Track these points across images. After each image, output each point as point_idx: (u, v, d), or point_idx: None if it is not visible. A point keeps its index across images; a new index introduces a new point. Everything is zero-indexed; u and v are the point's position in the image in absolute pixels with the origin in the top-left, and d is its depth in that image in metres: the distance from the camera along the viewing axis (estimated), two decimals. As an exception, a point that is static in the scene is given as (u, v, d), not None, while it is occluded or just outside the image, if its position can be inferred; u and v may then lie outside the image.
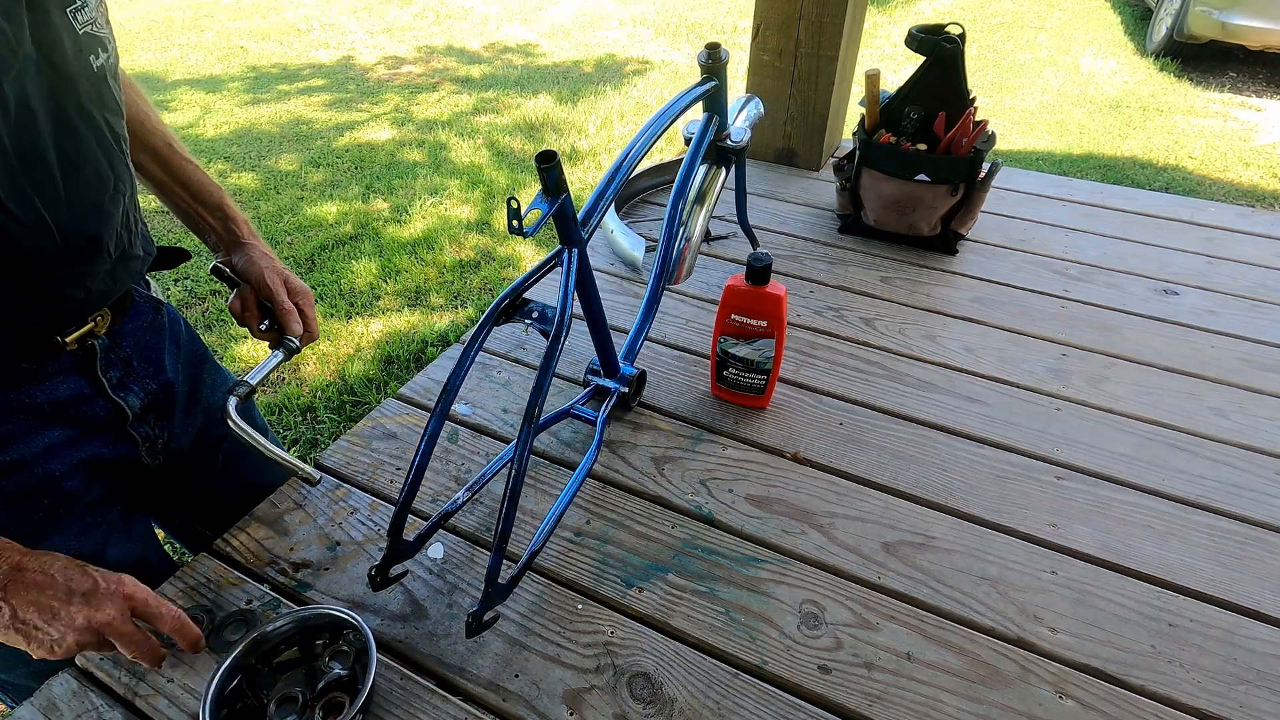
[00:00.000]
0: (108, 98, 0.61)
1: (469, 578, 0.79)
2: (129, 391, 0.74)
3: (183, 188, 0.80)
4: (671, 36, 5.48)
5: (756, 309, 0.93)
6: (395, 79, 4.71)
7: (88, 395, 0.70)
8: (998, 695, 0.69)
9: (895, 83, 1.38)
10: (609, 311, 1.06)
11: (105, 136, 0.61)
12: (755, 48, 1.61)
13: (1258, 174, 3.37)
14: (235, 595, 0.77)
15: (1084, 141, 3.72)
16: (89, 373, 0.69)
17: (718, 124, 1.07)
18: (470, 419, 1.01)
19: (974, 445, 0.97)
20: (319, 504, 0.88)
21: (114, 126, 0.62)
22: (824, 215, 1.53)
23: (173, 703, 0.67)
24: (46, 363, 0.66)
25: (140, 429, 0.76)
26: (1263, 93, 4.25)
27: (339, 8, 6.30)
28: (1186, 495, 0.91)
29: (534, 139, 3.80)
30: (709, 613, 0.76)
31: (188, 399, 0.83)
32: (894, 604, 0.77)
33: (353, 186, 3.29)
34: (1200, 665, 0.72)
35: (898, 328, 1.20)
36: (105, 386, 0.71)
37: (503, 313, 0.76)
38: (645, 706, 0.68)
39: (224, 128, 3.99)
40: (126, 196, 0.66)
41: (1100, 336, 1.18)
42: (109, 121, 0.62)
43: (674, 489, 0.91)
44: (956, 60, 1.25)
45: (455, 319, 2.43)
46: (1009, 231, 1.48)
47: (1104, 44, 5.06)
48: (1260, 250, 1.43)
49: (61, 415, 0.68)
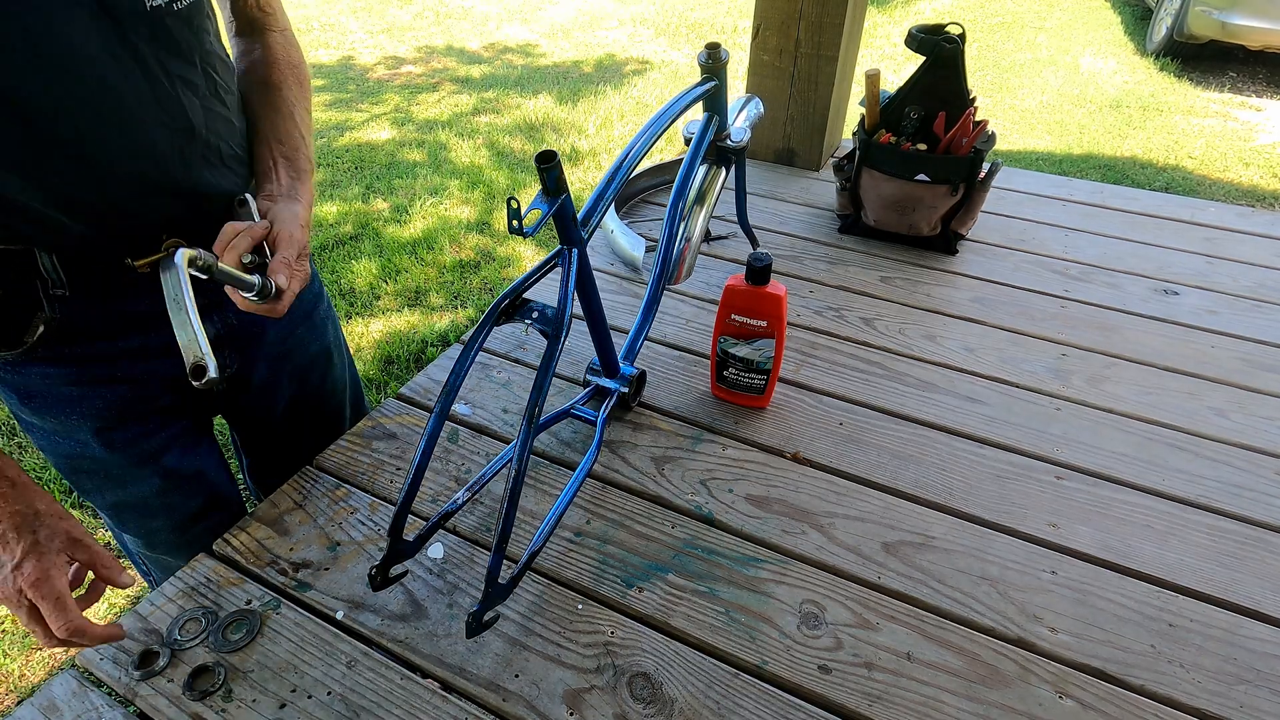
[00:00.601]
0: (162, 36, 0.62)
1: (469, 578, 0.79)
2: (206, 319, 0.74)
3: (279, 144, 0.79)
4: (671, 36, 5.48)
5: (756, 309, 0.93)
6: (395, 79, 4.71)
7: (161, 314, 0.69)
8: (998, 695, 0.69)
9: (895, 83, 1.38)
10: (609, 311, 1.06)
11: (153, 70, 0.62)
12: (755, 48, 1.61)
13: (1258, 174, 3.37)
14: (235, 595, 0.77)
15: (1084, 141, 3.72)
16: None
17: (718, 124, 1.07)
18: (470, 419, 1.01)
19: (974, 445, 0.97)
20: (319, 504, 0.88)
21: (166, 64, 0.63)
22: (824, 215, 1.53)
23: (173, 702, 0.67)
24: (129, 278, 0.70)
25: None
26: (1263, 93, 4.25)
27: (339, 8, 6.30)
28: (1186, 495, 0.91)
29: (534, 139, 3.80)
30: (709, 613, 0.76)
31: (273, 345, 0.88)
32: (894, 604, 0.77)
33: (353, 186, 3.29)
34: (1200, 665, 0.72)
35: (898, 328, 1.20)
36: None
37: (503, 313, 0.76)
38: (645, 706, 0.68)
39: (224, 128, 3.98)
40: (196, 138, 0.68)
41: (1100, 336, 1.18)
42: (160, 59, 0.62)
43: (674, 489, 0.91)
44: (956, 60, 1.25)
45: (455, 319, 2.43)
46: (1009, 231, 1.48)
47: (1104, 44, 5.06)
48: (1260, 250, 1.43)
49: (140, 326, 0.74)
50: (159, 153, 0.65)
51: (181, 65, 0.65)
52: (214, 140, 0.71)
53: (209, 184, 0.71)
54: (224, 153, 0.73)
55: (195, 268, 0.61)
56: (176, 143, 0.67)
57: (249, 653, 0.71)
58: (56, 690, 0.68)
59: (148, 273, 0.70)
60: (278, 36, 0.82)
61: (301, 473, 0.92)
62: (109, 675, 0.69)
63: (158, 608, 0.75)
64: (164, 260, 0.59)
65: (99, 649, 0.71)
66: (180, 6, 0.63)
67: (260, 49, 0.81)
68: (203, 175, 0.70)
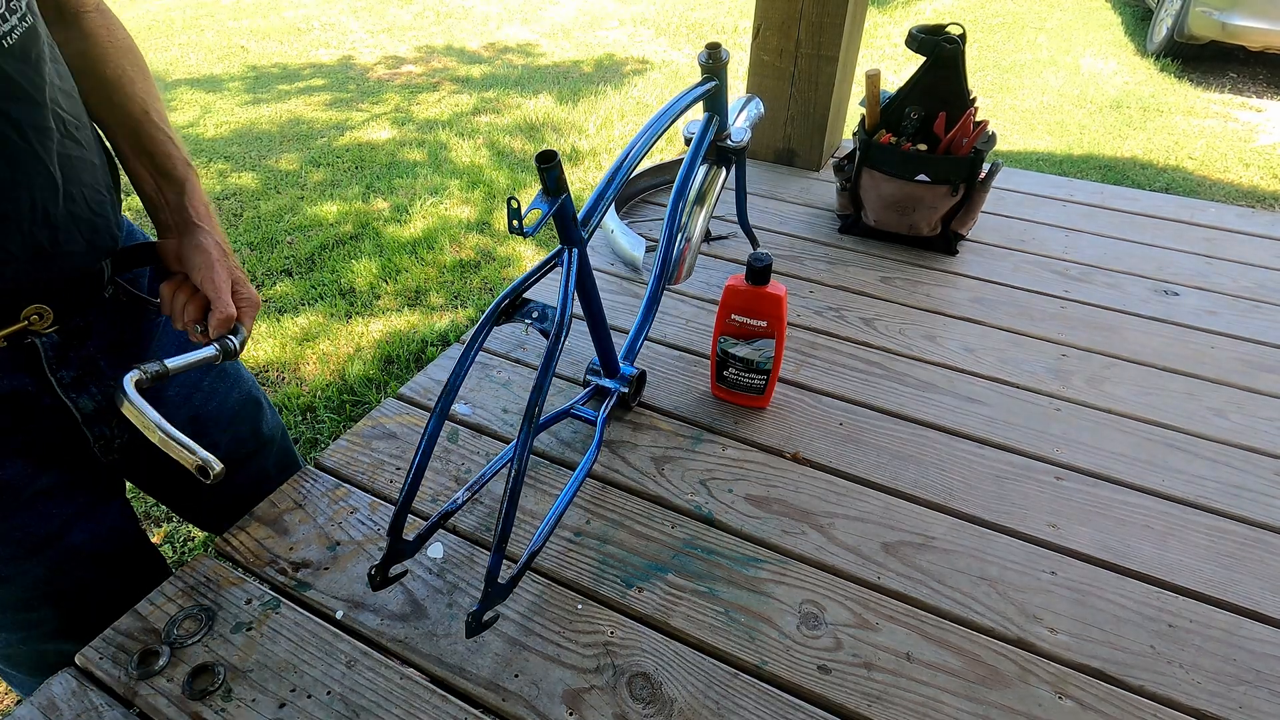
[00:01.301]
0: (2, 83, 0.52)
1: (469, 577, 0.79)
2: (83, 393, 0.70)
3: (148, 158, 0.71)
4: (671, 36, 5.48)
5: (756, 309, 0.93)
6: (395, 79, 4.71)
7: (32, 393, 0.66)
8: (997, 695, 0.69)
9: (895, 83, 1.38)
10: (609, 311, 1.06)
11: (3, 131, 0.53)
12: (755, 48, 1.61)
13: (1258, 174, 3.37)
14: (235, 595, 0.77)
15: (1084, 142, 3.72)
16: (34, 370, 0.66)
17: (718, 124, 1.07)
18: (470, 419, 1.01)
19: (974, 445, 0.97)
20: (319, 504, 0.88)
21: (12, 115, 0.54)
22: (824, 215, 1.53)
23: (173, 702, 0.67)
24: None
25: (96, 428, 0.73)
26: (1263, 93, 4.25)
27: (339, 7, 6.30)
28: (1186, 495, 0.91)
29: (534, 139, 3.80)
30: (709, 613, 0.76)
31: (176, 406, 0.80)
32: (894, 604, 0.77)
33: (353, 186, 3.29)
34: (1200, 665, 0.72)
35: (898, 328, 1.20)
36: (53, 385, 0.67)
37: (503, 313, 0.76)
38: (645, 706, 0.68)
39: (224, 127, 3.99)
40: (44, 192, 0.58)
41: (1100, 337, 1.18)
42: (4, 110, 0.53)
43: (674, 489, 0.91)
44: (957, 60, 1.25)
45: (455, 319, 2.43)
46: (1009, 232, 1.48)
47: (1104, 44, 5.06)
48: (1260, 251, 1.43)
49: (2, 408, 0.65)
50: (21, 221, 0.56)
51: (30, 111, 0.55)
52: (78, 192, 0.61)
53: (78, 243, 0.63)
54: (90, 201, 0.63)
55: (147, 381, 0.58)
56: (39, 206, 0.57)
57: (249, 652, 0.71)
58: (56, 690, 0.68)
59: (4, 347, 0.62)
60: (94, 17, 0.70)
61: (301, 472, 0.92)
62: (109, 675, 0.69)
63: (157, 607, 0.75)
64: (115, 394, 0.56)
65: (99, 649, 0.71)
66: (12, 42, 0.52)
67: (79, 37, 0.68)
68: (72, 234, 0.62)
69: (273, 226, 2.98)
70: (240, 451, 0.90)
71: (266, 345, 2.29)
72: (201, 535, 1.72)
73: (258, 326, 2.39)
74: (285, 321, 2.41)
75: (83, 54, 0.68)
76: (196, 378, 0.83)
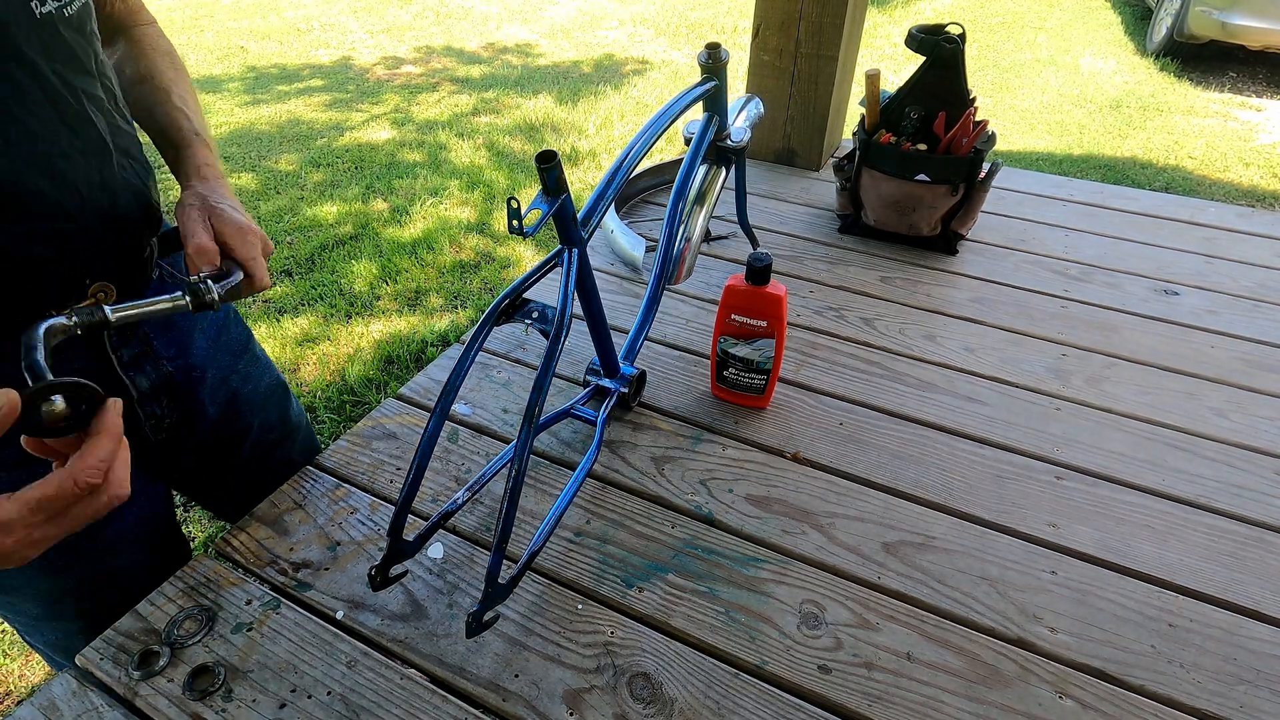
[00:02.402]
0: (57, 48, 0.55)
1: (469, 578, 0.79)
2: (140, 371, 0.72)
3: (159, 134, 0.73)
4: (671, 36, 5.48)
5: (756, 309, 0.93)
6: (395, 79, 4.71)
7: (92, 371, 0.68)
8: (997, 695, 0.69)
9: (895, 83, 1.39)
10: (609, 311, 1.06)
11: (55, 89, 0.56)
12: (755, 48, 1.61)
13: (1258, 174, 3.37)
14: (235, 595, 0.77)
15: (1084, 141, 3.73)
16: (97, 348, 0.68)
17: (718, 124, 1.07)
18: (470, 419, 1.01)
19: (974, 445, 0.97)
20: (319, 504, 0.88)
21: (68, 79, 0.57)
22: (824, 215, 1.53)
23: (173, 702, 0.67)
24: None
25: (149, 407, 0.75)
26: (1263, 93, 4.26)
27: (339, 8, 6.30)
28: (1186, 495, 0.91)
29: (534, 139, 3.80)
30: (709, 613, 0.76)
31: (216, 386, 0.83)
32: (894, 604, 0.77)
33: (352, 187, 3.29)
34: (1200, 665, 0.72)
35: (898, 328, 1.20)
36: (114, 363, 0.69)
37: (503, 313, 0.76)
38: (645, 706, 0.68)
39: (223, 128, 3.99)
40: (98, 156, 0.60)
41: (1100, 336, 1.18)
42: (60, 73, 0.56)
43: (674, 489, 0.91)
44: (956, 60, 1.25)
45: (455, 319, 2.43)
46: (1009, 231, 1.48)
47: (1104, 44, 5.06)
48: (1260, 250, 1.43)
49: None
50: (79, 184, 0.59)
51: (83, 78, 0.58)
52: (127, 162, 0.64)
53: (134, 209, 0.65)
54: (139, 173, 0.66)
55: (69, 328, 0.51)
56: (95, 169, 0.60)
57: (249, 652, 0.71)
58: (56, 690, 0.68)
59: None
60: (145, 30, 0.76)
61: (301, 472, 0.92)
62: (109, 675, 0.69)
63: (157, 608, 0.75)
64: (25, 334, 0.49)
65: (99, 649, 0.71)
66: (71, 12, 0.56)
67: (124, 44, 0.74)
68: (128, 199, 0.64)
69: (273, 227, 2.98)
70: (268, 438, 0.92)
71: (266, 346, 2.29)
72: (202, 535, 1.72)
73: (258, 328, 2.39)
74: (285, 322, 2.41)
75: (125, 57, 0.74)
76: (231, 361, 0.85)
